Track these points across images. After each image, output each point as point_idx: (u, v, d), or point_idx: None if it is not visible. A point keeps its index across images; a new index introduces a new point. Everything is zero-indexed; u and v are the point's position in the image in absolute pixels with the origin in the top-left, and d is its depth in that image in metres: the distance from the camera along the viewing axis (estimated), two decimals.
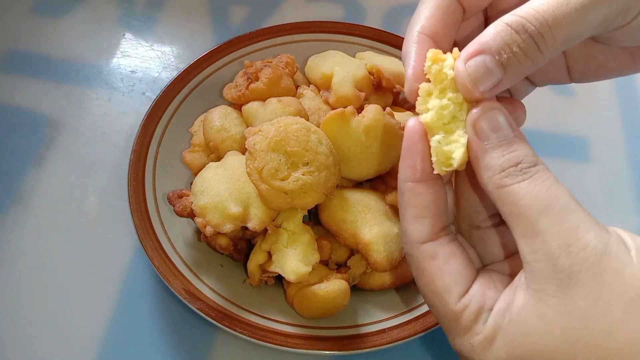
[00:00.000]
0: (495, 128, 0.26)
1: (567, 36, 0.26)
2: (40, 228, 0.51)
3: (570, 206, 0.25)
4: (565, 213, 0.24)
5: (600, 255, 0.24)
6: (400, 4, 0.70)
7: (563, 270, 0.24)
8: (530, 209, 0.25)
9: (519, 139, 0.27)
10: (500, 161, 0.26)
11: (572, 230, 0.24)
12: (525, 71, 0.27)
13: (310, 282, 0.42)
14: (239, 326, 0.41)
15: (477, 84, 0.27)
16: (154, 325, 0.46)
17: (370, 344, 0.42)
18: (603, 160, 0.58)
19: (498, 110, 0.27)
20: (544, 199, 0.25)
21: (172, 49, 0.64)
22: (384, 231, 0.43)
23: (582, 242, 0.24)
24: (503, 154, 0.26)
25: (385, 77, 0.50)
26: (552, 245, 0.24)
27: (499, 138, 0.26)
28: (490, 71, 0.26)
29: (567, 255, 0.24)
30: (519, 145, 0.26)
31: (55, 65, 0.62)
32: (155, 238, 0.44)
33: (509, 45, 0.26)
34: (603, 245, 0.24)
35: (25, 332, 0.46)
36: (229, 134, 0.47)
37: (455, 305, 0.27)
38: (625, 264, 0.24)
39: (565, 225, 0.24)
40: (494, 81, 0.26)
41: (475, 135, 0.27)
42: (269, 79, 0.48)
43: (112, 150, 0.56)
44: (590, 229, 0.24)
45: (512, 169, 0.26)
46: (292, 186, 0.40)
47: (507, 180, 0.26)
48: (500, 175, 0.26)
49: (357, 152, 0.44)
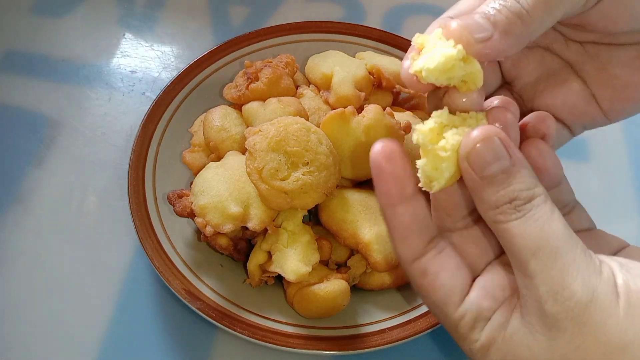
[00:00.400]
0: (491, 159, 0.25)
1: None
2: (40, 228, 0.51)
3: (560, 250, 0.24)
4: (554, 258, 0.24)
5: (585, 306, 0.24)
6: (400, 4, 0.70)
7: (549, 316, 0.24)
8: (521, 250, 0.25)
9: (517, 167, 0.25)
10: (495, 197, 0.25)
11: (560, 277, 0.24)
12: (515, 30, 0.26)
13: (310, 282, 0.42)
14: (239, 326, 0.41)
15: (469, 33, 0.26)
16: (154, 325, 0.46)
17: (370, 344, 0.42)
18: (603, 160, 0.58)
19: (494, 136, 0.25)
20: (534, 242, 0.24)
21: (172, 49, 0.64)
22: (384, 231, 0.43)
23: (568, 292, 0.24)
24: (498, 189, 0.25)
25: (385, 77, 0.50)
26: (541, 290, 0.24)
27: (494, 170, 0.25)
28: (479, 24, 0.26)
29: (553, 302, 0.24)
30: (516, 177, 0.25)
31: (55, 65, 0.62)
32: (155, 238, 0.44)
33: (493, 5, 0.27)
34: (589, 295, 0.24)
35: (25, 332, 0.46)
36: (229, 134, 0.47)
37: (452, 315, 0.28)
38: (609, 315, 0.24)
39: (553, 271, 0.24)
40: (484, 35, 0.26)
41: (468, 168, 0.26)
42: (269, 79, 0.48)
43: (112, 150, 0.56)
44: (578, 277, 0.24)
45: (506, 206, 0.25)
46: (292, 186, 0.40)
47: (501, 217, 0.25)
48: (494, 212, 0.25)
49: (357, 152, 0.44)
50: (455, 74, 0.27)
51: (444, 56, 0.27)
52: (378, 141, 0.28)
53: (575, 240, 0.25)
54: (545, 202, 0.25)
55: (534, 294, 0.25)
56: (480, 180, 0.25)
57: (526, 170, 0.26)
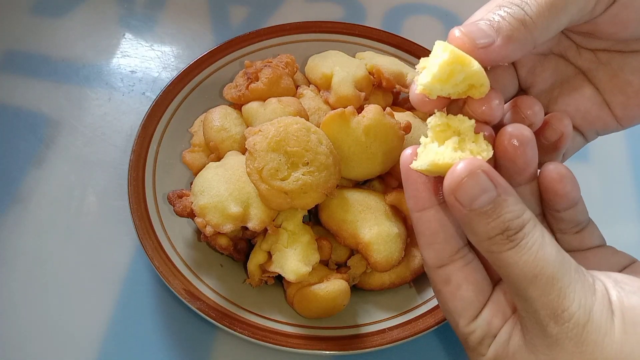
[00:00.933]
0: (478, 192, 0.25)
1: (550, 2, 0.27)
2: (40, 228, 0.51)
3: (556, 275, 0.25)
4: (551, 283, 0.25)
5: (582, 327, 0.25)
6: (400, 4, 0.70)
7: (550, 337, 0.25)
8: (519, 278, 0.26)
9: (503, 197, 0.26)
10: (486, 229, 0.26)
11: (558, 300, 0.25)
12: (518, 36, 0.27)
13: (310, 282, 0.42)
14: (239, 326, 0.41)
15: (473, 39, 0.27)
16: (154, 325, 0.46)
17: (370, 344, 0.42)
18: (603, 160, 0.58)
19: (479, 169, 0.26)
20: (530, 270, 0.25)
21: (172, 49, 0.64)
22: (384, 231, 0.43)
23: (567, 314, 0.25)
24: (488, 221, 0.26)
25: (385, 77, 0.50)
26: (541, 314, 0.25)
27: (482, 202, 0.25)
28: (482, 30, 0.27)
29: (554, 325, 0.25)
30: (504, 207, 0.26)
31: (55, 65, 0.62)
32: (155, 238, 0.44)
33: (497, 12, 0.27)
34: (586, 315, 0.25)
35: (26, 332, 0.46)
36: (229, 134, 0.47)
37: (464, 327, 0.29)
38: (605, 333, 0.25)
39: (551, 296, 0.25)
40: (487, 41, 0.27)
41: (455, 203, 0.26)
42: (269, 79, 0.48)
43: (112, 150, 0.56)
44: (575, 299, 0.25)
45: (498, 237, 0.26)
46: (292, 186, 0.40)
47: (495, 247, 0.26)
48: (488, 243, 0.26)
49: (357, 152, 0.44)
50: (456, 79, 0.28)
51: (438, 65, 0.27)
52: (409, 147, 0.29)
53: (567, 262, 0.26)
54: (535, 227, 0.26)
55: (534, 317, 0.26)
56: (469, 213, 0.26)
57: (513, 197, 0.26)
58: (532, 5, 0.27)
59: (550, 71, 0.35)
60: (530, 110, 0.30)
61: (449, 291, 0.29)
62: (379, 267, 0.43)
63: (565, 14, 0.28)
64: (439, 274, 0.29)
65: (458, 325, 0.29)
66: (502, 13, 0.27)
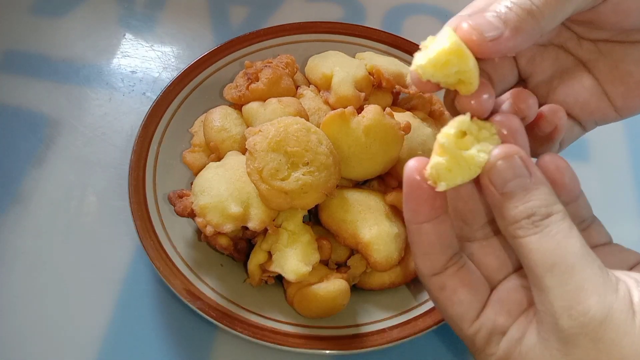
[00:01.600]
0: (511, 176, 0.26)
1: None
2: (40, 228, 0.51)
3: (577, 265, 0.25)
4: (570, 273, 0.24)
5: (600, 323, 0.24)
6: (400, 4, 0.70)
7: (564, 331, 0.25)
8: (537, 265, 0.25)
9: (535, 185, 0.26)
10: (514, 212, 0.26)
11: (575, 292, 0.24)
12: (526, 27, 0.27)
13: (310, 281, 0.42)
14: (239, 326, 0.41)
15: (481, 33, 0.27)
16: (154, 325, 0.46)
17: (370, 343, 0.42)
18: (603, 160, 0.58)
19: (516, 155, 0.26)
20: (550, 257, 0.25)
21: (172, 49, 0.64)
22: (384, 231, 0.43)
23: (583, 307, 0.24)
24: (516, 205, 0.26)
25: (385, 77, 0.50)
26: (555, 305, 0.25)
27: (514, 187, 0.26)
28: (490, 22, 0.27)
29: (568, 318, 0.24)
30: (535, 193, 0.26)
31: (55, 65, 0.62)
32: (156, 238, 0.45)
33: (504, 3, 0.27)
34: (605, 312, 0.24)
35: (25, 332, 0.46)
36: (229, 134, 0.47)
37: (468, 329, 0.29)
38: (625, 333, 0.24)
39: (569, 286, 0.24)
40: (495, 33, 0.27)
41: (489, 184, 0.26)
42: (269, 79, 0.48)
43: (112, 151, 0.56)
44: (594, 293, 0.24)
45: (524, 221, 0.26)
46: (292, 186, 0.40)
47: (520, 232, 0.26)
48: (513, 227, 0.26)
49: (357, 152, 0.44)
50: (449, 70, 0.27)
51: (436, 51, 0.27)
52: (412, 159, 0.28)
53: (592, 258, 0.25)
54: (563, 219, 0.26)
55: (548, 309, 0.25)
56: (500, 196, 0.26)
57: (545, 187, 0.26)
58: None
59: (549, 61, 0.35)
60: (524, 103, 0.30)
61: (446, 296, 0.29)
62: (379, 267, 0.43)
63: (572, 2, 0.28)
64: (433, 282, 0.29)
65: (462, 329, 0.29)
66: (508, 4, 0.27)
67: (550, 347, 0.25)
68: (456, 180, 0.27)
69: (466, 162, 0.27)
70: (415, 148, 0.47)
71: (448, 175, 0.27)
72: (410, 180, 0.28)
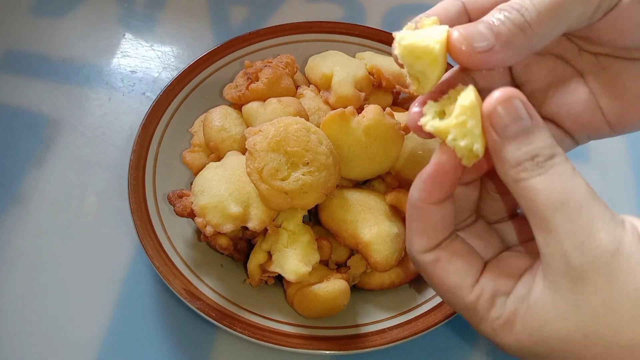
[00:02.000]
0: (512, 119, 0.26)
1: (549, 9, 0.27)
2: (40, 228, 0.51)
3: (585, 202, 0.25)
4: (579, 210, 0.24)
5: (611, 255, 0.24)
6: (400, 4, 0.70)
7: (575, 268, 0.24)
8: (545, 205, 0.25)
9: (537, 128, 0.26)
10: (517, 155, 0.26)
11: (585, 228, 0.24)
12: (516, 42, 0.27)
13: (310, 282, 0.42)
14: (239, 326, 0.41)
15: (471, 43, 0.27)
16: (154, 325, 0.46)
17: (370, 344, 0.42)
18: (603, 160, 0.58)
19: (515, 98, 0.26)
20: (558, 196, 0.25)
21: (172, 49, 0.64)
22: (384, 231, 0.43)
23: (594, 241, 0.24)
24: (519, 147, 0.26)
25: (385, 77, 0.50)
26: (565, 243, 0.24)
27: (515, 129, 0.26)
28: (482, 33, 0.27)
29: (579, 254, 0.24)
30: (537, 136, 0.26)
31: (55, 65, 0.62)
32: (156, 238, 0.44)
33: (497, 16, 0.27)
34: (616, 245, 0.24)
35: (26, 332, 0.46)
36: (229, 134, 0.47)
37: (469, 296, 0.28)
38: (637, 263, 0.24)
39: (578, 223, 0.24)
40: (486, 44, 0.27)
41: (490, 127, 0.26)
42: (269, 79, 0.48)
43: (112, 150, 0.56)
44: (604, 227, 0.24)
45: (528, 163, 0.25)
46: (292, 186, 0.40)
47: (523, 174, 0.25)
48: (516, 170, 0.26)
49: (357, 152, 0.44)
50: (416, 64, 0.28)
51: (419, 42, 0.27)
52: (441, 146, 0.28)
53: (597, 197, 0.25)
54: (566, 161, 0.26)
55: (558, 249, 0.25)
56: (501, 138, 0.26)
57: (546, 131, 0.26)
58: (532, 11, 0.27)
59: (546, 71, 0.34)
60: None
61: (441, 267, 0.29)
62: (379, 267, 0.43)
63: (564, 21, 0.28)
64: (425, 257, 0.29)
65: (462, 297, 0.28)
66: (501, 17, 0.27)
67: (561, 290, 0.25)
68: (476, 132, 0.27)
69: (463, 116, 0.27)
70: (415, 148, 0.47)
71: (469, 138, 0.27)
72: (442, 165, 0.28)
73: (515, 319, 0.26)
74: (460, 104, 0.26)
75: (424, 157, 0.46)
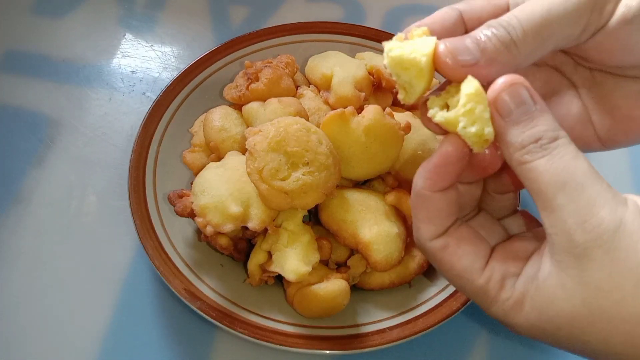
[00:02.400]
0: (516, 103, 0.26)
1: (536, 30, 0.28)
2: (40, 228, 0.51)
3: (586, 182, 0.25)
4: (581, 190, 0.25)
5: (613, 232, 0.25)
6: (400, 4, 0.70)
7: (578, 246, 0.25)
8: (548, 186, 0.25)
9: (540, 112, 0.27)
10: (521, 138, 0.26)
11: (587, 207, 0.25)
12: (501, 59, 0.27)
13: (310, 281, 0.42)
14: (239, 326, 0.41)
15: (456, 56, 0.27)
16: (154, 325, 0.46)
17: (370, 343, 0.42)
18: (603, 160, 0.58)
19: (519, 84, 0.27)
20: (561, 176, 0.25)
21: (172, 49, 0.64)
22: (384, 231, 0.43)
23: (596, 219, 0.25)
24: (523, 130, 0.26)
25: (385, 77, 0.50)
26: (568, 222, 0.25)
27: (519, 114, 0.26)
28: (467, 48, 0.27)
29: (582, 232, 0.25)
30: (540, 119, 0.26)
31: (55, 65, 0.62)
32: (156, 238, 0.45)
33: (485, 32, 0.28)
34: (617, 222, 0.25)
35: (26, 332, 0.46)
36: (229, 134, 0.47)
37: (479, 280, 0.29)
38: (638, 240, 0.24)
39: (580, 202, 0.25)
40: (471, 58, 0.27)
41: (496, 112, 0.27)
42: (269, 79, 0.48)
43: (112, 150, 0.56)
44: (605, 205, 0.25)
45: (532, 145, 0.26)
46: (292, 186, 0.40)
47: (528, 157, 0.26)
48: (520, 152, 0.26)
49: (357, 152, 0.44)
50: (404, 76, 0.29)
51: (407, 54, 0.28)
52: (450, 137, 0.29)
53: (599, 177, 0.26)
54: (569, 144, 0.26)
55: (562, 228, 0.25)
56: (506, 122, 0.27)
57: (550, 115, 0.27)
58: (518, 30, 0.28)
59: (541, 82, 0.35)
60: None
61: (451, 252, 0.29)
62: (379, 267, 0.43)
63: (551, 42, 0.28)
64: (434, 244, 0.30)
65: (473, 281, 0.29)
66: (488, 33, 0.28)
67: (566, 269, 0.26)
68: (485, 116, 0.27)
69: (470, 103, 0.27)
70: (415, 148, 0.47)
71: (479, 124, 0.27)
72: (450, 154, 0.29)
73: (525, 299, 0.27)
74: (465, 93, 0.27)
75: (423, 157, 0.46)
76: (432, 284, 0.46)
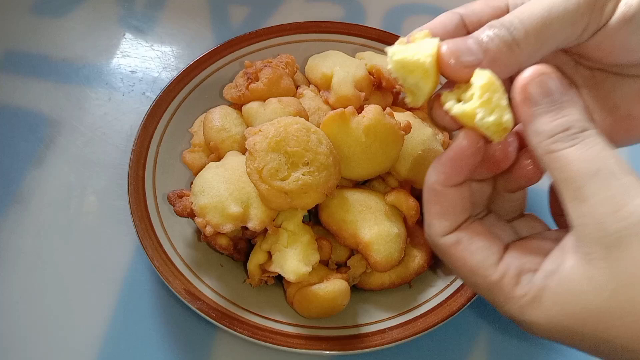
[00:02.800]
0: (545, 93, 0.26)
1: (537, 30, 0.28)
2: (40, 228, 0.51)
3: (619, 171, 0.25)
4: (613, 178, 0.25)
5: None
6: (400, 4, 0.70)
7: (611, 235, 0.24)
8: (578, 174, 0.25)
9: (570, 103, 0.26)
10: (550, 127, 0.26)
11: (620, 195, 0.24)
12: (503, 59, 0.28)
13: (310, 282, 0.42)
14: (239, 326, 0.41)
15: (459, 57, 0.27)
16: (154, 325, 0.46)
17: (370, 344, 0.42)
18: None
19: (548, 74, 0.27)
20: (592, 164, 0.25)
21: (172, 49, 0.64)
22: (384, 231, 0.43)
23: (630, 207, 0.24)
24: (552, 119, 0.26)
25: (385, 77, 0.50)
26: (600, 211, 0.24)
27: (549, 103, 0.26)
28: (470, 49, 0.28)
29: (614, 220, 0.24)
30: (570, 110, 0.26)
31: (55, 65, 0.62)
32: (155, 238, 0.44)
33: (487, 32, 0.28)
34: None
35: (25, 332, 0.46)
36: (229, 134, 0.47)
37: (493, 275, 0.28)
38: None
39: (613, 190, 0.24)
40: (473, 59, 0.27)
41: (524, 101, 0.27)
42: (269, 79, 0.48)
43: (112, 150, 0.56)
44: (638, 195, 0.24)
45: (561, 134, 0.26)
46: (292, 186, 0.40)
47: (556, 145, 0.26)
48: (549, 141, 0.26)
49: (357, 152, 0.44)
50: (410, 79, 0.29)
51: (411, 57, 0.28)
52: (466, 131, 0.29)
53: (630, 168, 0.25)
54: (599, 135, 0.26)
55: (592, 218, 0.25)
56: (535, 110, 0.26)
57: (580, 106, 0.27)
58: (520, 30, 0.28)
59: None
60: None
61: (463, 248, 0.29)
62: (379, 267, 0.43)
63: (552, 42, 0.29)
64: (446, 240, 0.30)
65: (486, 277, 0.28)
66: (490, 34, 0.28)
67: (595, 260, 0.25)
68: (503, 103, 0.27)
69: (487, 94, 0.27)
70: (416, 148, 0.47)
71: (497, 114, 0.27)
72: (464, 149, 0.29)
73: (543, 295, 0.26)
74: (478, 85, 0.27)
75: (424, 157, 0.46)
76: (432, 284, 0.46)
